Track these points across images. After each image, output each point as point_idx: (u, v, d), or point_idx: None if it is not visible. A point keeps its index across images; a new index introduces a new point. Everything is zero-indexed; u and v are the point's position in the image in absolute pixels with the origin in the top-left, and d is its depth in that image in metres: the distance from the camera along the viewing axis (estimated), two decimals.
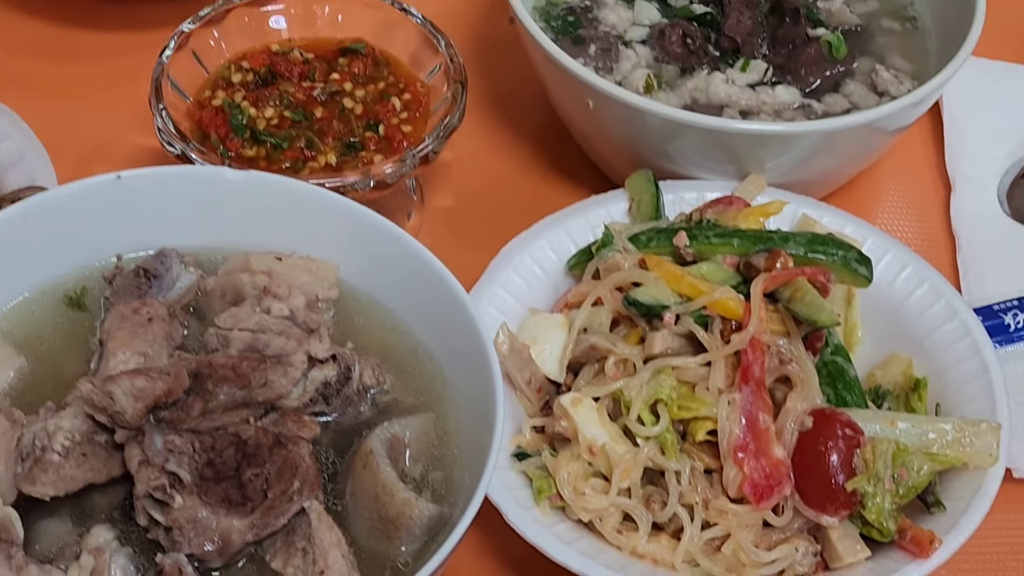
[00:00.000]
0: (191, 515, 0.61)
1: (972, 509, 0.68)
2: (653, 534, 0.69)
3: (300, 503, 0.62)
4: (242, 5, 0.87)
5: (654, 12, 0.90)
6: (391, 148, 0.82)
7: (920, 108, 0.81)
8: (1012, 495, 0.75)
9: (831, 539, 0.68)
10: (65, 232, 0.72)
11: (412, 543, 0.64)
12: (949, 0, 0.88)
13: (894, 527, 0.68)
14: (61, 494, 0.63)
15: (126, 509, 0.64)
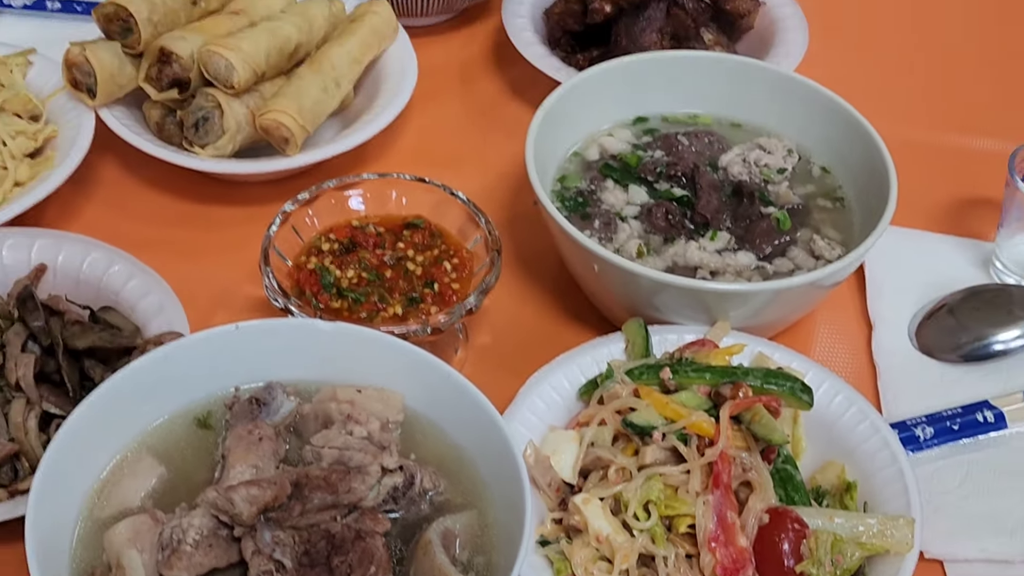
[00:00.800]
0: None
1: None
2: None
3: None
4: (330, 189, 0.86)
5: (643, 194, 0.89)
6: (444, 302, 0.81)
7: (848, 270, 0.81)
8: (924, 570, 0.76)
9: None
10: (195, 368, 0.71)
11: None
12: (869, 184, 0.87)
13: None
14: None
15: None
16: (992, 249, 0.94)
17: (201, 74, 0.93)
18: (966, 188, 1.01)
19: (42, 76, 0.99)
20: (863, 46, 1.15)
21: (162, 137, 0.95)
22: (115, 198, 0.97)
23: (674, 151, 0.93)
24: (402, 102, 0.98)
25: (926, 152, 1.02)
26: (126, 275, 0.84)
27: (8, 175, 0.90)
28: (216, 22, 0.98)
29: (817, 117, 0.94)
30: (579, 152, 0.94)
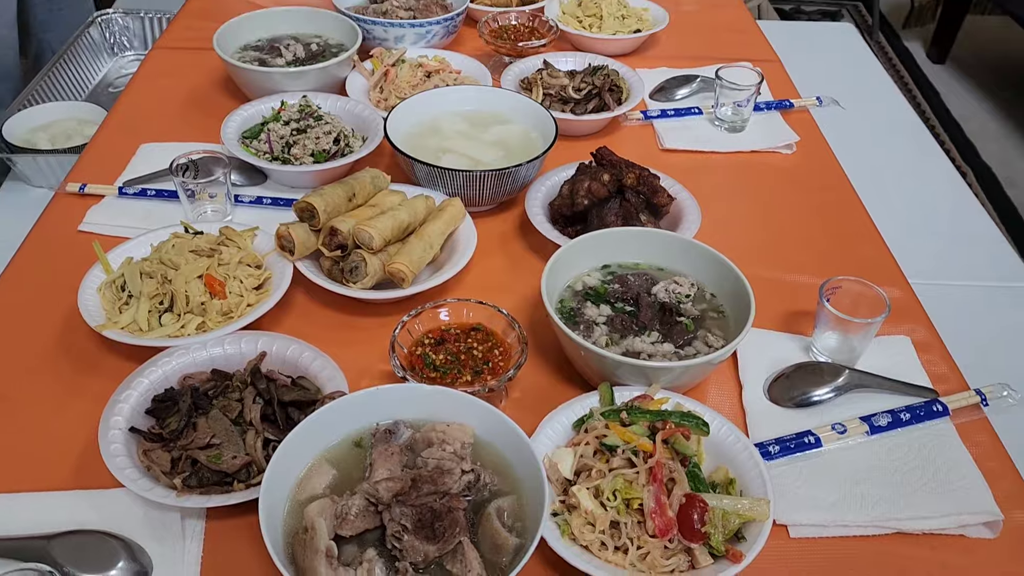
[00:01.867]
0: (411, 544, 0.63)
1: (758, 540, 0.68)
2: (615, 553, 0.68)
3: (459, 538, 0.64)
4: (428, 309, 0.87)
5: (608, 310, 0.88)
6: (494, 373, 0.81)
7: (728, 354, 0.81)
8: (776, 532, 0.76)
9: (695, 554, 0.67)
10: (353, 413, 0.73)
11: (507, 557, 0.64)
12: (738, 304, 0.86)
13: (723, 549, 0.67)
14: (353, 534, 0.65)
15: (383, 541, 0.65)
16: (810, 340, 0.94)
17: (354, 241, 0.96)
18: (795, 304, 1.00)
19: (262, 242, 1.00)
20: (731, 219, 1.13)
21: (331, 277, 0.97)
22: (303, 313, 0.97)
23: (625, 284, 0.93)
24: (467, 257, 0.99)
25: (770, 283, 1.01)
26: (311, 357, 0.85)
27: (244, 300, 0.92)
28: (362, 211, 1.00)
29: (707, 264, 0.93)
30: (571, 285, 0.94)
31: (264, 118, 1.19)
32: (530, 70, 1.33)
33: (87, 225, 1.08)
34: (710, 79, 1.36)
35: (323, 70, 1.25)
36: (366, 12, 1.40)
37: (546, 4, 1.51)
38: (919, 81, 3.58)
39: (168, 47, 1.49)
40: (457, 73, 1.30)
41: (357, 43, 1.30)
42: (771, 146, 1.26)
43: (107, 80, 2.06)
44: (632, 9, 1.51)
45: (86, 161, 1.20)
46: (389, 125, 1.11)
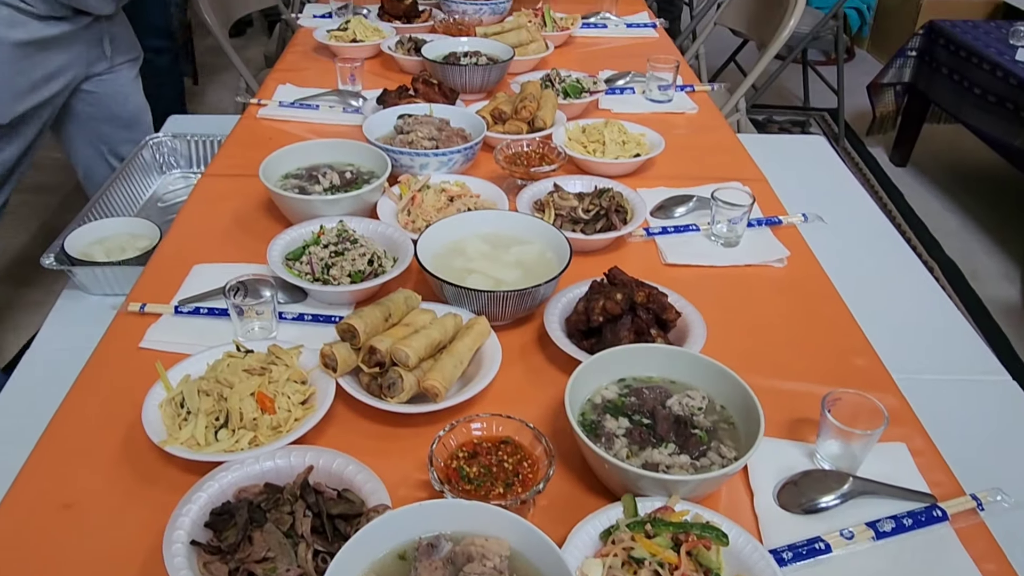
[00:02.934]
0: None
1: None
2: None
3: None
4: (461, 423, 0.87)
5: (627, 423, 0.88)
6: (524, 485, 0.81)
7: (741, 466, 0.81)
8: None
9: None
10: (398, 526, 0.72)
11: None
12: (747, 415, 0.87)
13: None
14: None
15: None
16: (814, 448, 0.94)
17: (391, 359, 0.97)
18: (796, 412, 1.00)
19: (306, 359, 1.01)
20: (732, 330, 1.14)
21: (369, 392, 0.98)
22: (345, 425, 0.97)
23: (641, 397, 0.93)
24: (493, 372, 1.00)
25: (772, 391, 1.00)
26: (355, 471, 0.85)
27: (292, 415, 0.93)
28: (397, 330, 1.02)
29: (715, 377, 0.94)
30: (591, 399, 0.95)
31: (305, 242, 1.21)
32: (542, 192, 1.37)
33: (147, 343, 1.09)
34: (705, 198, 1.40)
35: (357, 197, 1.29)
36: (394, 142, 1.45)
37: (554, 131, 1.55)
38: (884, 183, 3.66)
39: (216, 174, 1.53)
40: (476, 197, 1.34)
41: (387, 172, 1.34)
42: (764, 260, 1.29)
43: (156, 196, 2.11)
44: (631, 135, 1.56)
45: (145, 281, 1.23)
46: (419, 249, 1.14)
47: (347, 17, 2.13)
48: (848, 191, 2.20)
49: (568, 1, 2.52)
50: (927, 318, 1.72)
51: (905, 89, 3.69)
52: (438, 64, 1.74)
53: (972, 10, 4.58)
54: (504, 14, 2.19)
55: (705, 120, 1.78)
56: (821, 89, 4.42)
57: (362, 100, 1.75)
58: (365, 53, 1.99)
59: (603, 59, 2.09)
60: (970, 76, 3.24)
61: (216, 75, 4.60)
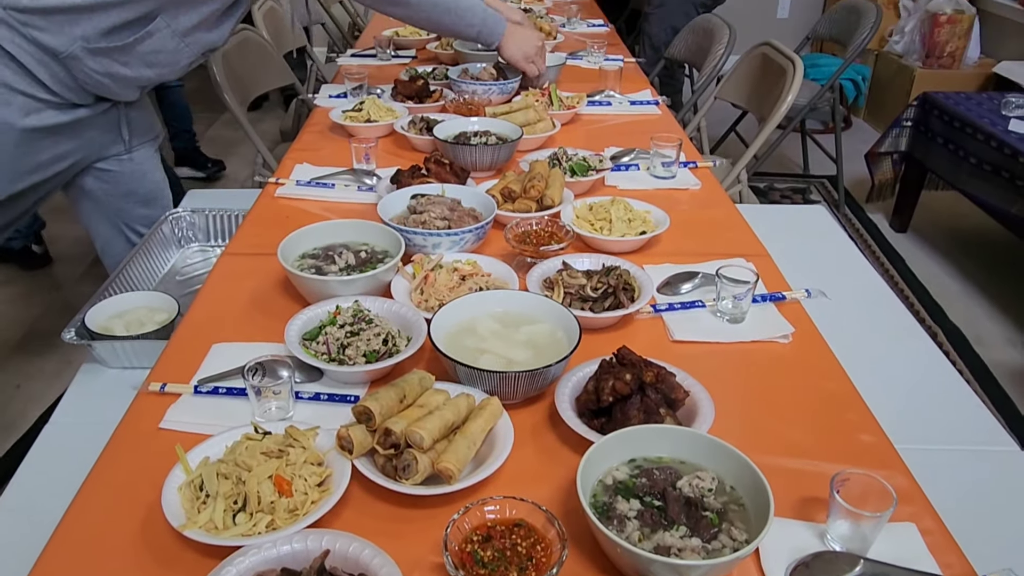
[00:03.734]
0: None
1: None
2: None
3: None
4: (474, 507, 0.87)
5: (638, 505, 0.88)
6: (538, 570, 0.81)
7: (752, 550, 0.81)
8: None
9: None
10: None
11: None
12: (757, 496, 0.87)
13: None
14: None
15: None
16: (824, 528, 0.94)
17: (406, 441, 0.98)
18: (804, 491, 1.00)
19: (322, 440, 1.02)
20: (739, 407, 1.15)
21: (384, 473, 0.99)
22: (361, 507, 0.98)
23: (651, 479, 0.93)
24: (506, 453, 1.00)
25: (780, 470, 1.01)
26: (371, 555, 0.84)
27: (308, 498, 0.93)
28: (411, 411, 1.03)
29: (724, 458, 0.95)
30: (602, 480, 0.95)
31: (322, 322, 1.24)
32: (552, 270, 1.39)
33: (167, 423, 1.11)
34: (710, 275, 1.42)
35: (372, 277, 1.32)
36: (407, 222, 1.48)
37: (562, 209, 1.59)
38: (885, 249, 3.70)
39: (236, 253, 1.56)
40: (488, 276, 1.36)
41: (401, 252, 1.37)
42: (769, 337, 1.30)
43: (175, 269, 2.15)
44: (637, 212, 1.60)
45: (165, 361, 1.25)
46: (432, 329, 1.16)
47: (362, 98, 2.20)
48: (850, 260, 2.22)
49: (574, 80, 2.59)
50: (932, 387, 1.72)
51: (902, 157, 3.75)
52: (449, 144, 1.79)
53: (964, 81, 4.68)
54: (512, 93, 2.26)
55: (708, 196, 1.82)
56: (820, 157, 4.50)
57: (376, 179, 1.79)
58: (379, 132, 2.05)
59: (608, 136, 2.14)
60: (965, 146, 3.30)
61: (233, 147, 4.71)
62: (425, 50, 2.92)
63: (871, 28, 3.55)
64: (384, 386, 1.06)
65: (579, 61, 2.83)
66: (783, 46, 2.81)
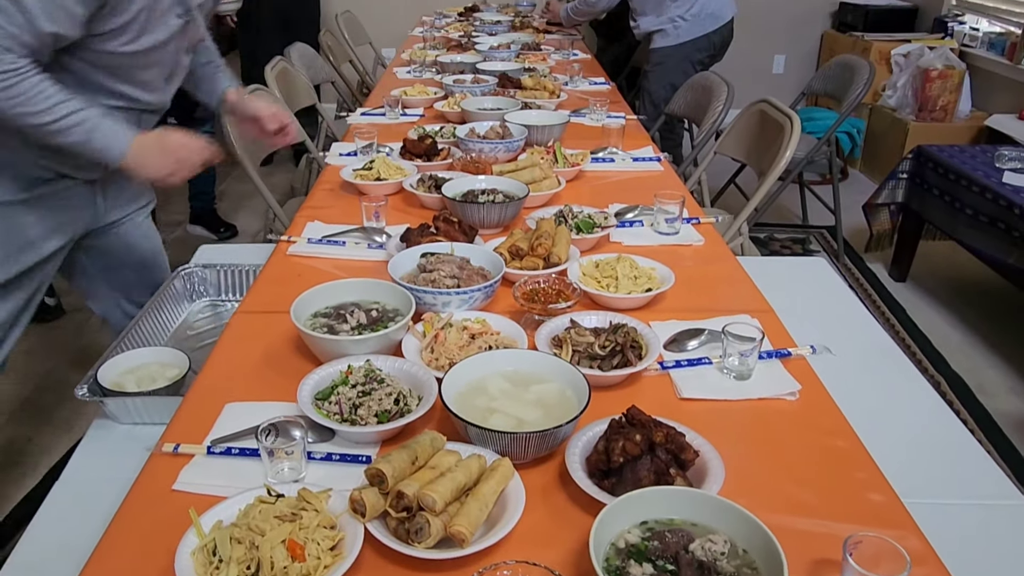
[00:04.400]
0: None
1: None
2: None
3: None
4: (488, 571, 0.87)
5: (651, 568, 0.87)
6: None
7: None
8: None
9: None
10: None
11: None
12: (769, 559, 0.86)
13: None
14: None
15: None
16: None
17: (419, 504, 0.97)
18: (816, 552, 0.99)
19: (335, 502, 1.02)
20: (748, 466, 1.14)
21: (396, 536, 0.98)
22: (373, 571, 0.96)
23: (663, 541, 0.92)
24: (518, 515, 0.99)
25: (791, 531, 1.00)
26: None
27: (321, 562, 0.92)
28: (423, 473, 1.02)
29: (736, 520, 0.94)
30: (614, 543, 0.94)
31: (334, 381, 1.24)
32: (559, 328, 1.40)
33: (180, 485, 1.10)
34: (716, 332, 1.42)
35: (383, 336, 1.32)
36: (417, 280, 1.49)
37: (568, 266, 1.60)
38: (885, 298, 3.70)
39: (248, 311, 1.57)
40: (497, 334, 1.37)
41: (411, 310, 1.38)
42: (776, 394, 1.30)
43: (186, 323, 2.16)
44: (643, 269, 1.61)
45: (178, 421, 1.25)
46: (443, 389, 1.16)
47: (372, 156, 2.23)
48: (852, 312, 2.23)
49: (577, 137, 2.63)
50: (938, 439, 1.71)
51: (899, 208, 3.78)
52: (457, 202, 1.81)
53: (957, 134, 4.74)
54: (518, 151, 2.29)
55: (711, 251, 1.83)
56: (818, 207, 4.53)
57: (386, 237, 1.81)
58: (388, 190, 2.07)
59: (612, 192, 2.16)
60: (961, 197, 3.32)
61: (244, 200, 4.76)
62: (432, 109, 2.97)
63: (865, 84, 3.61)
64: (396, 448, 1.06)
65: (582, 119, 2.87)
66: (780, 103, 2.85)
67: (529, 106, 2.75)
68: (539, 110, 2.70)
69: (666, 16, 3.81)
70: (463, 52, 3.82)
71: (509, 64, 3.46)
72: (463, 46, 3.94)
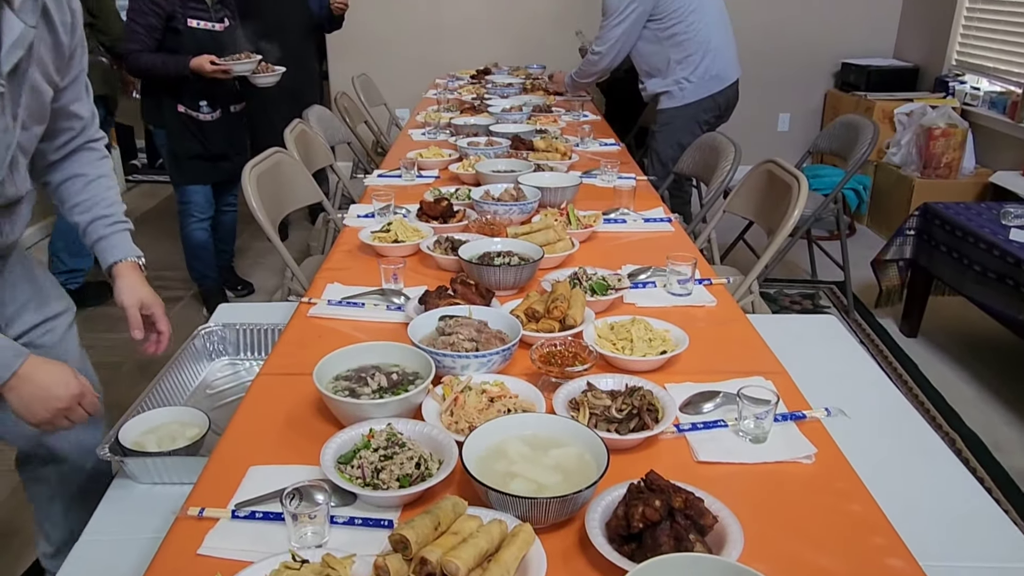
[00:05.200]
0: None
1: None
2: None
3: None
4: None
5: None
6: None
7: None
8: None
9: None
10: None
11: None
12: None
13: None
14: None
15: None
16: None
17: (441, 571, 0.98)
18: None
19: (359, 568, 1.02)
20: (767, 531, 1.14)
21: None
22: None
23: None
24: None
25: None
26: None
27: None
28: (445, 539, 1.03)
29: None
30: None
31: (356, 445, 1.26)
32: (577, 391, 1.41)
33: (206, 549, 1.11)
34: (731, 394, 1.44)
35: (404, 400, 1.34)
36: (436, 343, 1.52)
37: (584, 328, 1.62)
38: (897, 354, 3.69)
39: (271, 373, 1.60)
40: (515, 397, 1.39)
41: (431, 374, 1.40)
42: (792, 457, 1.31)
43: (205, 382, 2.19)
44: (657, 331, 1.63)
45: (203, 483, 1.26)
46: (464, 454, 1.17)
47: (389, 218, 2.28)
48: (864, 371, 2.23)
49: (589, 198, 2.68)
50: (955, 500, 1.70)
51: (908, 264, 3.80)
52: (474, 264, 1.85)
53: (962, 190, 4.79)
54: (532, 213, 2.34)
55: (724, 313, 1.85)
56: (827, 262, 4.56)
57: (405, 299, 1.84)
58: (406, 252, 2.12)
59: (625, 253, 2.20)
60: (968, 254, 3.35)
61: (261, 257, 4.83)
62: (447, 170, 3.04)
63: (869, 143, 3.67)
64: (419, 513, 1.07)
65: (593, 180, 2.93)
66: (787, 163, 2.91)
67: (542, 168, 2.81)
68: (551, 172, 2.76)
69: (671, 78, 3.90)
70: (476, 114, 3.91)
71: (521, 126, 3.54)
72: (476, 108, 4.04)
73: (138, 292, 1.55)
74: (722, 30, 3.94)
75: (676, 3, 3.78)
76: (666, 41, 3.85)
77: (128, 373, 3.40)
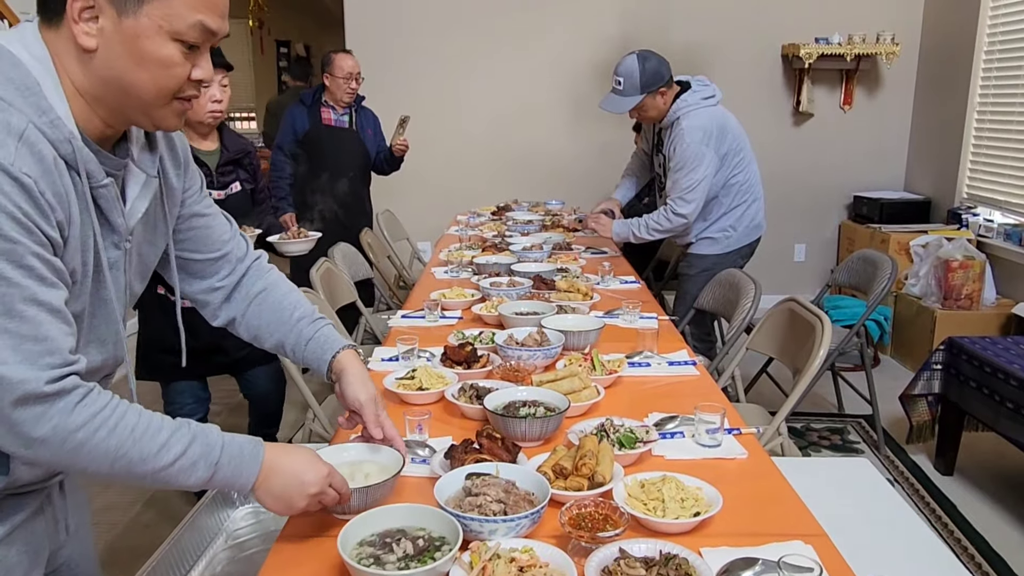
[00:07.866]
0: None
1: None
2: None
3: None
4: None
5: None
6: None
7: None
8: None
9: None
10: None
11: None
12: None
13: None
14: None
15: None
16: None
17: None
18: None
19: None
20: None
21: None
22: None
23: None
24: None
25: None
26: None
27: None
28: None
29: None
30: None
31: None
32: (609, 559, 1.36)
33: None
34: (771, 562, 1.37)
35: (431, 569, 1.29)
36: (463, 504, 1.48)
37: (613, 486, 1.58)
38: (934, 494, 3.56)
39: (291, 535, 1.55)
40: (546, 565, 1.33)
41: (459, 540, 1.36)
42: None
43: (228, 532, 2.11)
44: (689, 490, 1.58)
45: None
46: None
47: (414, 365, 2.28)
48: (902, 519, 2.14)
49: (612, 340, 2.68)
50: None
51: (937, 399, 3.72)
52: (500, 416, 1.83)
53: (985, 321, 4.76)
54: (556, 357, 2.33)
55: (755, 467, 1.80)
56: (852, 395, 4.48)
57: (430, 451, 1.81)
58: (430, 399, 2.10)
59: (650, 400, 2.17)
60: (999, 391, 3.28)
61: None
62: (469, 311, 3.07)
63: (888, 278, 3.68)
64: None
65: (616, 320, 2.94)
66: (807, 302, 2.91)
67: (564, 309, 2.83)
68: (574, 314, 2.78)
69: (717, 226, 3.90)
70: (498, 252, 3.99)
71: (543, 265, 3.59)
72: (497, 247, 4.13)
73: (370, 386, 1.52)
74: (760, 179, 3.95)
75: (743, 152, 3.75)
76: (721, 188, 3.81)
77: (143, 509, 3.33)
